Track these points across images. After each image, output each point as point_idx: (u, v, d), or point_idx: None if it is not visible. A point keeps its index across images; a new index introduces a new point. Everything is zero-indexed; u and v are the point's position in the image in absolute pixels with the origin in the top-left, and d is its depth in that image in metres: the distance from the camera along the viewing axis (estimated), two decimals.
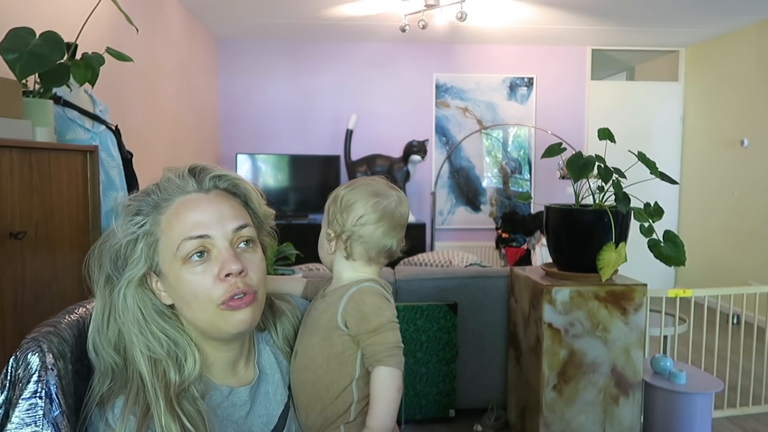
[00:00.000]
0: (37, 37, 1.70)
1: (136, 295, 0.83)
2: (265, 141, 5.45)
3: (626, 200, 2.08)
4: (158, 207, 0.84)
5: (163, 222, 0.84)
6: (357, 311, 0.94)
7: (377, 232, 0.99)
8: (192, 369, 0.83)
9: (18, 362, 0.76)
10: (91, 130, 2.07)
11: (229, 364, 0.90)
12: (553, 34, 5.11)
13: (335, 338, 0.95)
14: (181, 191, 0.85)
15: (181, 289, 0.83)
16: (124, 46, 2.42)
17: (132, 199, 0.86)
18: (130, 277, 0.83)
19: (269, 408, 0.93)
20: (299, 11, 4.41)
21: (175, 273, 0.82)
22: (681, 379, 2.22)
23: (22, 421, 0.73)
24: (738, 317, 4.13)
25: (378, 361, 0.92)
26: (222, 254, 0.83)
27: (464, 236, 5.64)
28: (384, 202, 1.00)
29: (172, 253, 0.82)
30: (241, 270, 0.82)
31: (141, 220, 0.84)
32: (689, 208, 5.56)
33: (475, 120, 5.59)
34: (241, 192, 0.90)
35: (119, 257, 0.83)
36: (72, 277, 1.72)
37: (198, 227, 0.82)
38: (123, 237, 0.83)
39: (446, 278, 2.77)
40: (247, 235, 0.86)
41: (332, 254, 1.03)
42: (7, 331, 1.42)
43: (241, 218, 0.86)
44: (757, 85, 4.65)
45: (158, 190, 0.86)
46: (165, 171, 0.88)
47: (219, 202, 0.86)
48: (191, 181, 0.86)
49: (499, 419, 2.71)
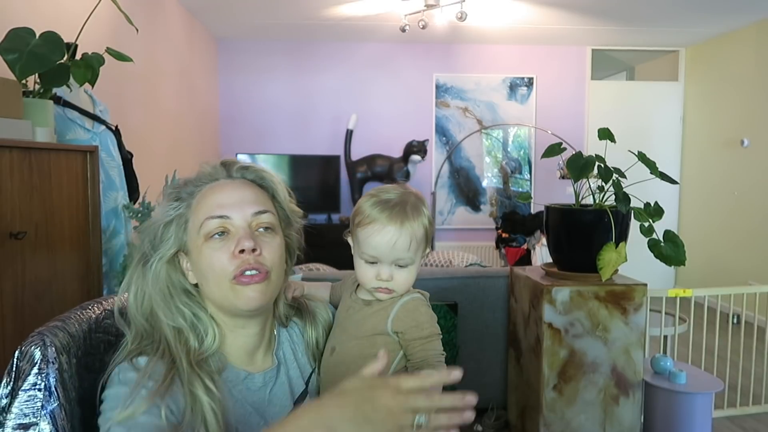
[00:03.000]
0: (37, 37, 1.70)
1: (164, 272, 0.91)
2: (265, 141, 5.45)
3: (626, 200, 2.08)
4: (192, 194, 0.94)
5: (194, 204, 0.93)
6: (412, 320, 1.00)
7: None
8: (211, 342, 0.91)
9: (22, 354, 0.79)
10: (91, 130, 2.07)
11: (246, 351, 0.95)
12: (553, 34, 5.11)
13: (378, 340, 1.00)
14: (211, 178, 0.95)
15: (202, 263, 0.89)
16: (124, 46, 2.42)
17: (174, 187, 0.96)
18: (161, 255, 0.91)
19: (284, 399, 0.96)
20: (299, 11, 4.41)
21: (197, 249, 0.90)
22: (681, 379, 2.22)
23: (21, 411, 0.77)
24: (738, 317, 4.13)
25: (428, 364, 0.97)
26: (239, 233, 0.89)
27: (464, 236, 5.64)
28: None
29: (197, 231, 0.90)
30: (254, 248, 0.88)
31: (178, 204, 0.93)
32: (689, 208, 5.56)
33: (475, 120, 5.59)
34: (268, 185, 0.97)
35: (156, 237, 0.92)
36: (72, 277, 1.72)
37: (220, 208, 0.90)
38: (161, 219, 0.92)
39: (446, 278, 2.77)
40: (266, 221, 0.92)
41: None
42: (7, 331, 1.42)
43: (262, 204, 0.93)
44: (757, 84, 4.65)
45: (195, 177, 0.96)
46: (201, 164, 0.97)
47: (243, 189, 0.93)
48: (222, 170, 0.95)
49: (499, 419, 2.71)
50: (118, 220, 2.13)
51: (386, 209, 0.98)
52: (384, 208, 0.98)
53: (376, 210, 0.99)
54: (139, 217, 2.10)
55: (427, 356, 0.98)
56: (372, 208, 0.99)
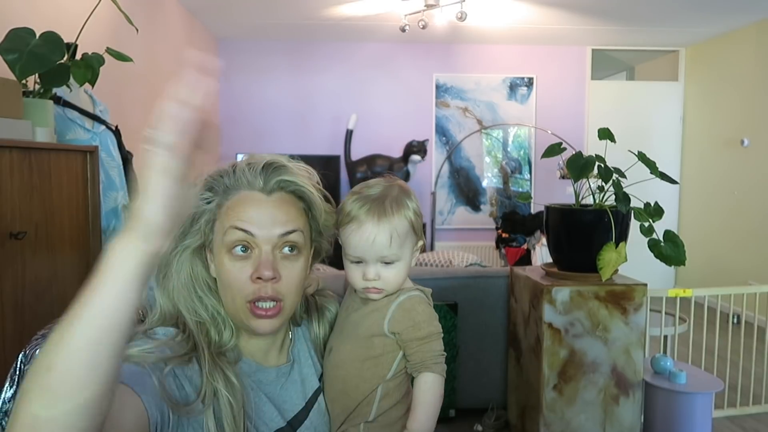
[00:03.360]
0: (37, 37, 1.70)
1: (189, 261, 0.90)
2: (265, 141, 5.45)
3: (626, 200, 2.08)
4: (227, 192, 0.90)
5: (224, 208, 0.89)
6: (409, 319, 0.96)
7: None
8: (229, 338, 0.90)
9: (26, 357, 0.79)
10: (91, 130, 2.07)
11: (260, 350, 0.94)
12: (553, 34, 5.11)
13: (376, 341, 0.96)
14: (248, 185, 0.90)
15: (222, 273, 0.89)
16: (124, 46, 2.42)
17: (210, 175, 0.91)
18: (186, 245, 0.90)
19: (296, 395, 0.96)
20: (299, 11, 4.41)
21: (220, 256, 0.88)
22: (681, 379, 2.22)
23: None
24: (738, 317, 4.13)
25: (426, 367, 0.95)
26: (260, 257, 0.87)
27: (464, 236, 5.64)
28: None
29: (221, 237, 0.88)
30: (273, 277, 0.86)
31: (210, 196, 0.90)
32: (689, 208, 5.56)
33: (475, 120, 5.59)
34: (307, 199, 0.93)
35: (185, 224, 0.88)
36: (72, 277, 1.72)
37: (247, 223, 0.87)
38: (193, 207, 0.89)
39: (446, 278, 2.77)
40: (293, 241, 0.89)
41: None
42: (7, 331, 1.42)
43: (292, 224, 0.89)
44: (757, 84, 4.65)
45: (233, 175, 0.90)
46: (244, 159, 0.93)
47: (276, 207, 0.89)
48: (260, 179, 0.90)
49: (499, 419, 2.71)
50: (118, 220, 2.13)
51: (365, 204, 0.95)
52: (363, 204, 0.95)
53: (356, 206, 0.95)
54: None
55: (424, 358, 0.95)
56: (352, 205, 0.96)
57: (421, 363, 0.95)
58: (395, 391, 0.97)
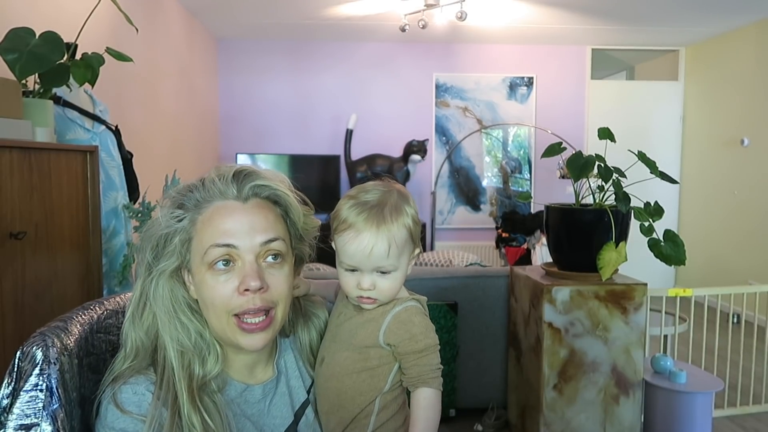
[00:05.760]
0: (37, 37, 1.70)
1: (167, 286, 0.86)
2: (265, 141, 5.45)
3: (626, 200, 2.08)
4: (198, 206, 0.86)
5: (199, 223, 0.85)
6: (405, 332, 0.93)
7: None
8: (213, 365, 0.86)
9: (24, 355, 0.79)
10: (91, 130, 2.07)
11: (246, 366, 0.92)
12: (553, 33, 5.11)
13: (372, 353, 0.93)
14: (221, 195, 0.86)
15: (204, 292, 0.85)
16: (124, 46, 2.42)
17: (177, 192, 0.88)
18: (163, 269, 0.86)
19: (284, 408, 0.93)
20: (299, 11, 4.41)
21: (200, 275, 0.84)
22: (681, 379, 2.22)
23: (22, 412, 0.77)
24: (738, 316, 4.13)
25: (423, 382, 0.91)
26: (245, 268, 0.83)
27: (464, 236, 5.64)
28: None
29: (200, 256, 0.84)
30: (261, 287, 0.83)
31: (181, 214, 0.86)
32: (689, 208, 5.56)
33: (475, 120, 5.59)
34: (282, 203, 0.90)
35: (158, 246, 0.86)
36: (72, 277, 1.72)
37: (226, 236, 0.83)
38: (163, 228, 0.85)
39: (446, 278, 2.77)
40: (275, 249, 0.86)
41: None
42: (7, 331, 1.42)
43: (273, 231, 0.86)
44: (757, 84, 4.65)
45: (202, 188, 0.87)
46: (213, 170, 0.88)
47: (254, 213, 0.85)
48: (232, 188, 0.86)
49: (499, 419, 2.71)
50: (118, 220, 2.13)
51: (363, 212, 0.90)
52: (360, 211, 0.90)
53: (353, 213, 0.90)
54: (139, 217, 2.10)
55: (421, 373, 0.92)
56: (349, 211, 0.91)
57: (419, 377, 0.92)
58: (393, 402, 0.95)
